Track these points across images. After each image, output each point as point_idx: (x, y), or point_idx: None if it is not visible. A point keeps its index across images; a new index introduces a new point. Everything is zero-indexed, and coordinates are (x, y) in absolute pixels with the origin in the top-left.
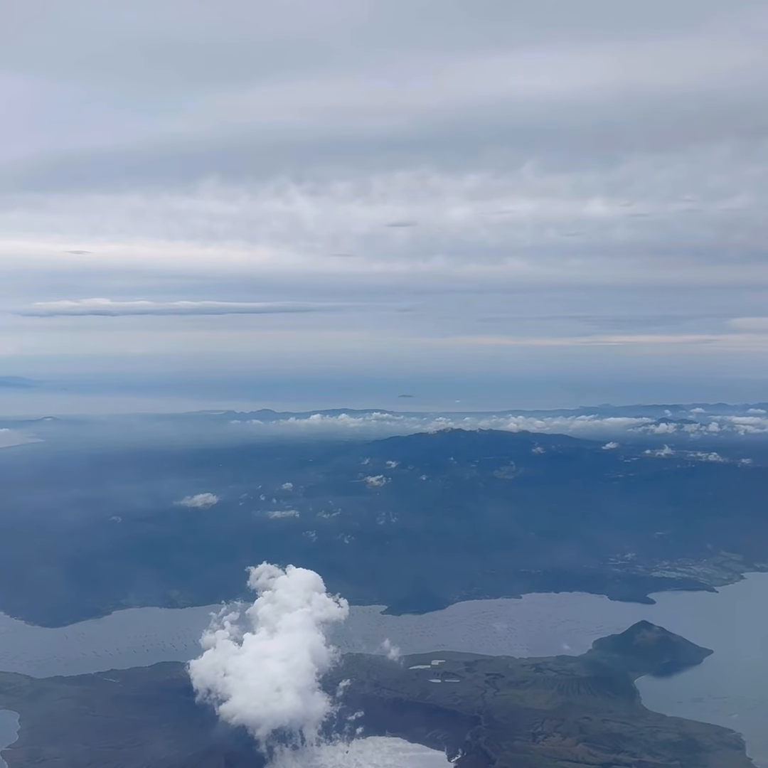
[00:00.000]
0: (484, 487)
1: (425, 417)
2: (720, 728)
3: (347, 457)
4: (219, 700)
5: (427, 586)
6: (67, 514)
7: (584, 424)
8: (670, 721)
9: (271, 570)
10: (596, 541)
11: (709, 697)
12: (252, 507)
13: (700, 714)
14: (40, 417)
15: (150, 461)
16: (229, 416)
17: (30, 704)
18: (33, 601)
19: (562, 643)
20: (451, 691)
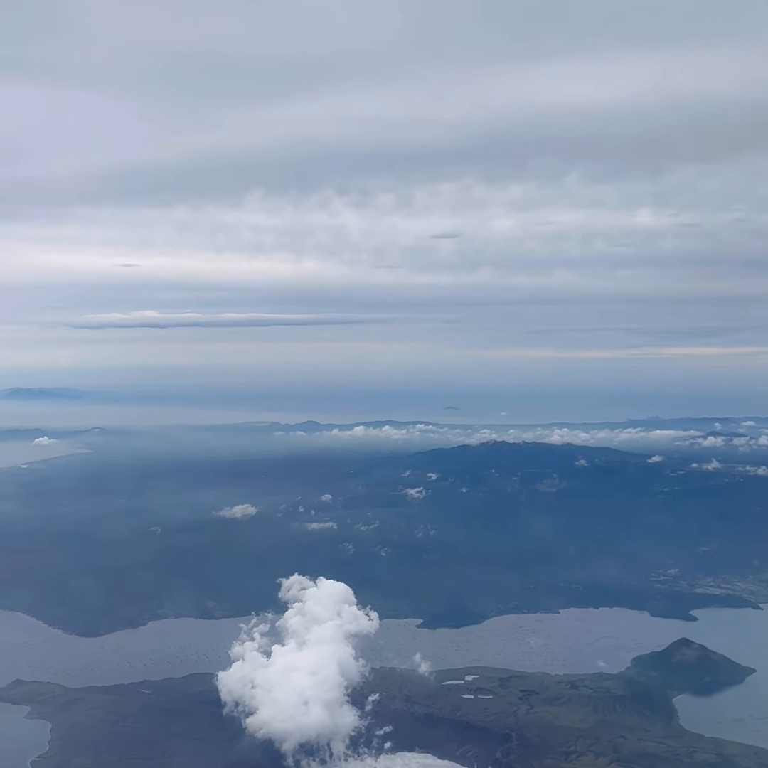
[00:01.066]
0: (525, 500)
1: (469, 429)
2: (760, 749)
3: (388, 469)
4: (246, 713)
5: (464, 600)
6: (108, 523)
7: (630, 437)
8: (709, 741)
9: (303, 582)
10: (638, 556)
11: (750, 717)
12: (290, 518)
13: (739, 734)
14: (89, 428)
15: (192, 472)
16: (273, 428)
17: (62, 714)
18: (71, 611)
19: (600, 659)
20: (484, 707)
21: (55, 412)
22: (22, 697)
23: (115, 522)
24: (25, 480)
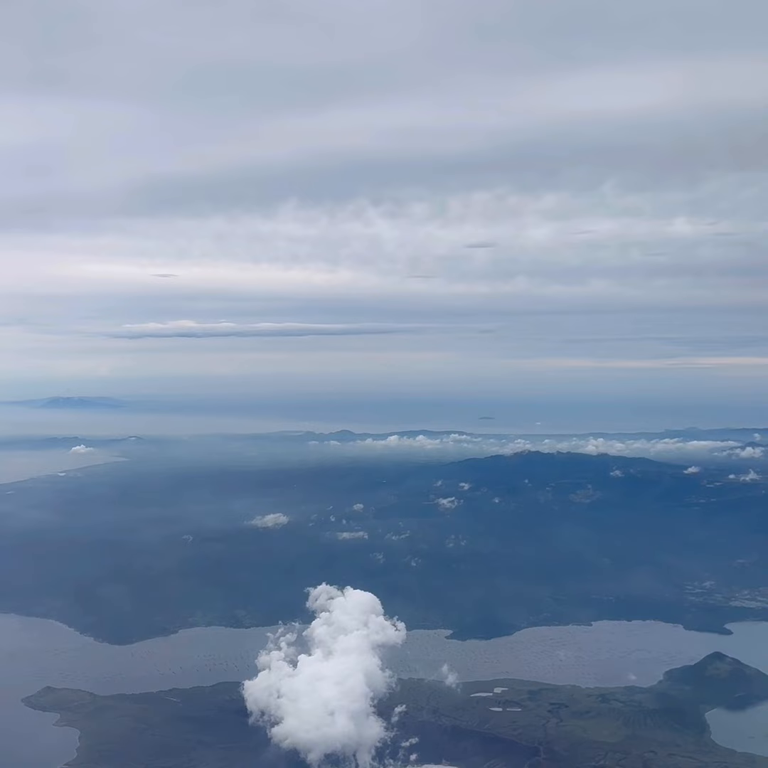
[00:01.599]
0: (558, 510)
1: (504, 439)
2: None
3: (420, 478)
4: (272, 723)
5: (495, 611)
6: (141, 532)
7: (666, 447)
8: (740, 756)
9: (330, 591)
10: (673, 568)
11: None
12: (321, 528)
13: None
14: (126, 437)
15: (226, 481)
16: (307, 437)
17: (90, 721)
18: (102, 619)
19: (631, 673)
20: (512, 720)
21: (93, 420)
22: (51, 704)
23: (147, 530)
24: (61, 487)
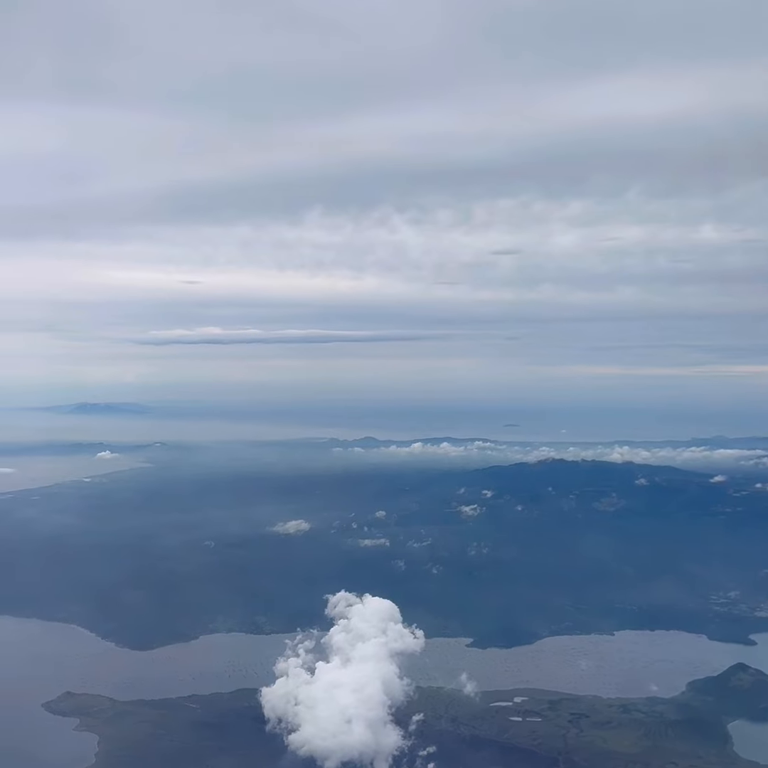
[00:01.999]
0: (582, 518)
1: (528, 447)
2: None
3: (443, 486)
4: (289, 730)
5: (516, 620)
6: (164, 537)
7: (692, 455)
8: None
9: (349, 598)
10: (698, 577)
11: None
12: (343, 535)
13: None
14: (151, 443)
15: (249, 487)
16: (331, 444)
17: (109, 727)
18: (124, 624)
19: (653, 683)
20: (532, 730)
21: (119, 426)
22: (71, 710)
23: (170, 535)
24: (86, 493)
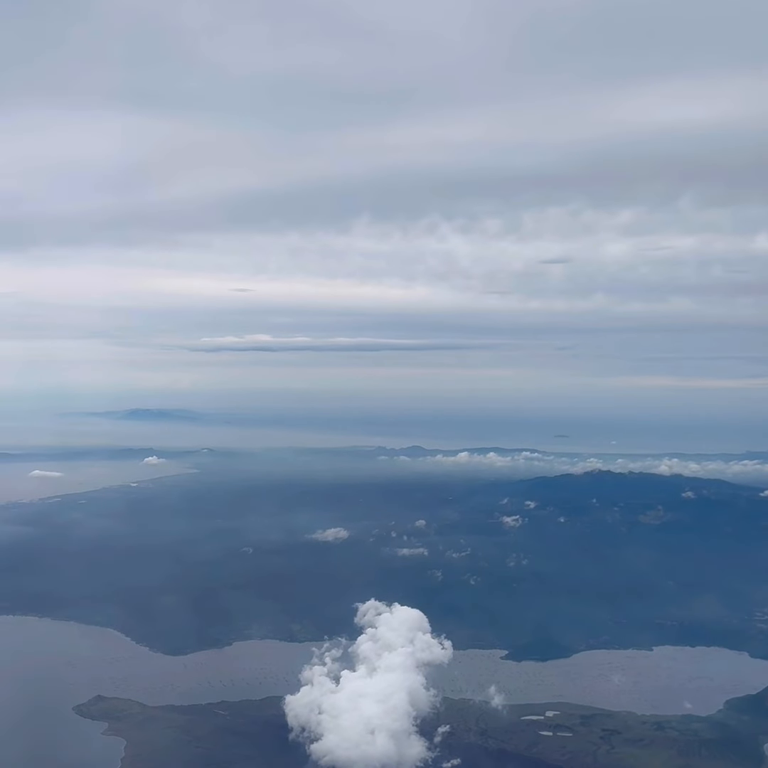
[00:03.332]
0: (626, 531)
1: (576, 458)
2: None
3: (487, 496)
4: (312, 739)
5: (553, 633)
6: (203, 543)
7: (743, 469)
8: None
9: (378, 607)
10: (742, 593)
11: None
12: (381, 543)
13: None
14: (198, 449)
15: (292, 494)
16: (378, 452)
17: (137, 732)
18: (158, 629)
19: (690, 701)
20: (561, 745)
21: (170, 432)
22: (101, 714)
23: (209, 542)
24: (131, 498)
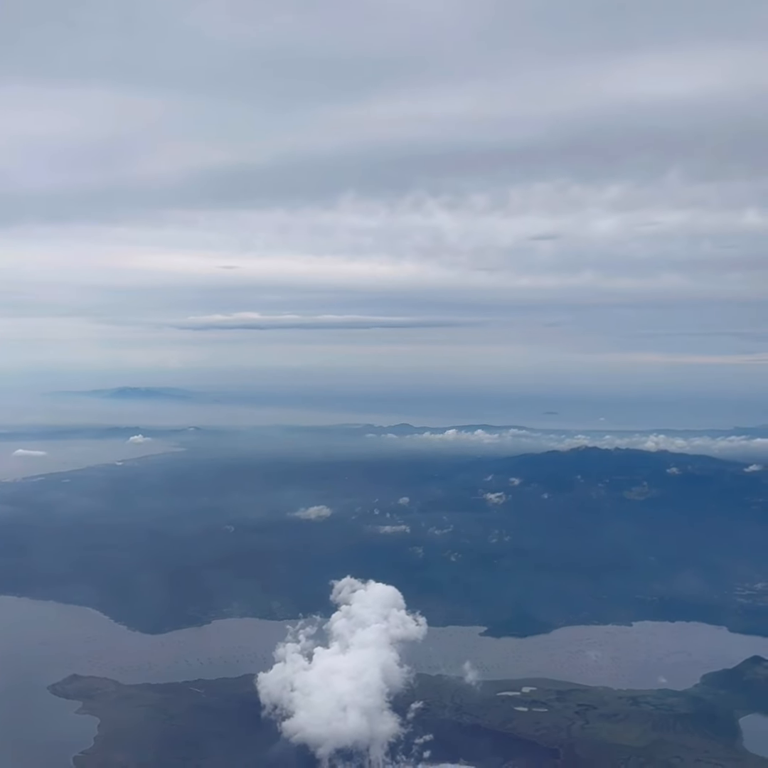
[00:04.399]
0: (610, 507)
1: (564, 434)
2: None
3: (472, 473)
4: (283, 716)
5: (532, 609)
6: (185, 521)
7: (729, 444)
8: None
9: (354, 584)
10: (724, 568)
11: None
12: (364, 521)
13: None
14: (185, 427)
15: (277, 472)
16: (366, 430)
17: (112, 710)
18: (137, 608)
19: (667, 675)
20: (536, 720)
21: (158, 411)
22: (75, 692)
23: (191, 520)
24: (116, 476)
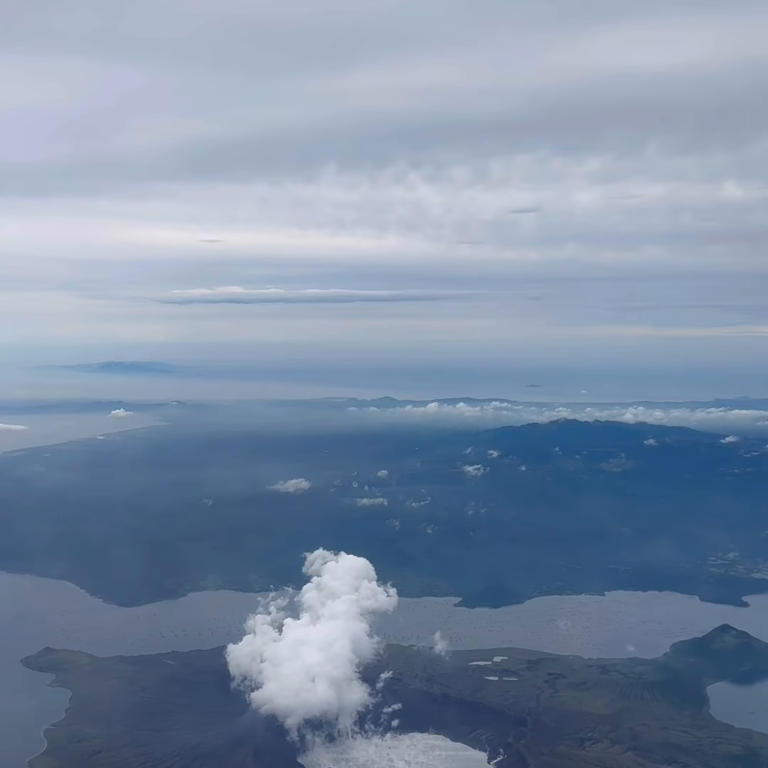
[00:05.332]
0: (587, 479)
1: (545, 407)
2: None
3: (451, 446)
4: (252, 688)
5: (507, 580)
6: (163, 495)
7: (707, 416)
8: (737, 732)
9: (326, 556)
10: (697, 538)
11: None
12: (342, 494)
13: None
14: (168, 401)
15: (258, 446)
16: (349, 403)
17: (84, 683)
18: (114, 581)
19: (637, 644)
20: (506, 689)
21: (142, 385)
22: (48, 665)
23: (169, 493)
24: (97, 450)
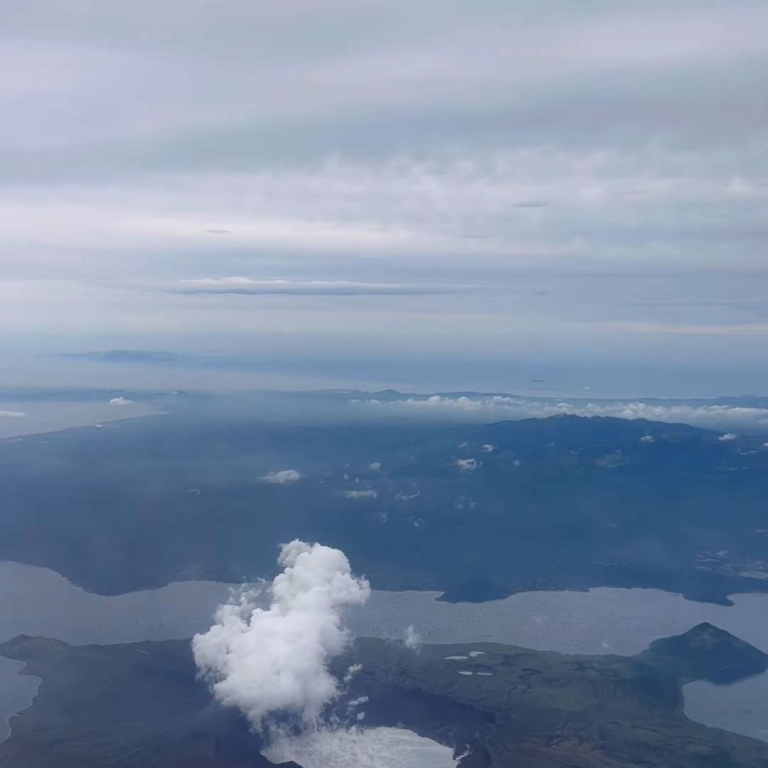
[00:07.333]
0: (581, 475)
1: (547, 402)
2: (762, 744)
3: (447, 439)
4: (216, 679)
5: (491, 574)
6: (152, 484)
7: (707, 413)
8: (709, 732)
9: (302, 547)
10: (687, 536)
11: (761, 709)
12: (332, 486)
13: (744, 727)
14: (169, 390)
15: (254, 437)
16: (351, 396)
17: (55, 671)
18: (95, 569)
19: (615, 641)
20: (478, 684)
21: (145, 374)
22: (21, 653)
23: (159, 483)
24: (93, 438)
